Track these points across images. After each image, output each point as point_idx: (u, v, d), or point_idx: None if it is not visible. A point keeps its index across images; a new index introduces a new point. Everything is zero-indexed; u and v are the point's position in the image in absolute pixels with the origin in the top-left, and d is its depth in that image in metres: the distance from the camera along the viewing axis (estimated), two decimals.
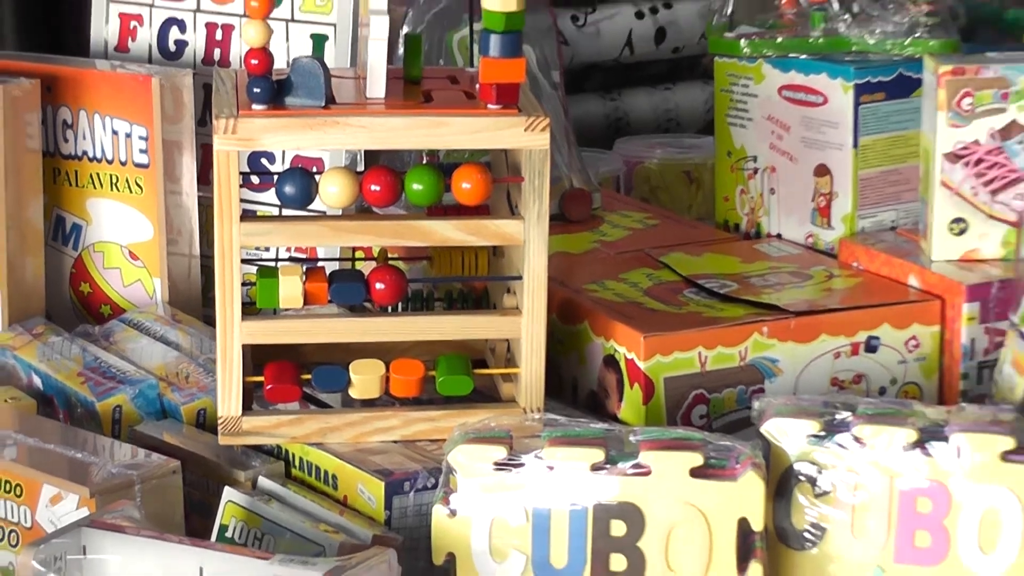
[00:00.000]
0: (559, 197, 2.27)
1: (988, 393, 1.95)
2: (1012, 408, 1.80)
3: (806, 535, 1.71)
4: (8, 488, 1.70)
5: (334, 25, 2.19)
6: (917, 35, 2.20)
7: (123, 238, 2.15)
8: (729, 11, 2.27)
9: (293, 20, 2.22)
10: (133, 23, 2.32)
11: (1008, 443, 1.66)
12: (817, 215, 2.23)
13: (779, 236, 2.29)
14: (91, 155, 2.14)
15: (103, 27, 2.33)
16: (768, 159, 2.28)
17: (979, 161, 2.05)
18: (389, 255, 1.90)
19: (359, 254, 1.92)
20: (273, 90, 1.77)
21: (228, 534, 1.72)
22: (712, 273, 2.11)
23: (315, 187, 1.80)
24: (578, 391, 2.02)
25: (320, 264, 1.91)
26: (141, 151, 2.12)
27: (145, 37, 2.32)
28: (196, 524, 1.75)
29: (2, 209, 2.07)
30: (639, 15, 3.23)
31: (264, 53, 1.76)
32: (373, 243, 1.90)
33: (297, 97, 1.78)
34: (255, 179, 2.05)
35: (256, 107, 1.76)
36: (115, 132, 2.12)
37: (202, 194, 2.08)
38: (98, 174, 2.14)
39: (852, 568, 1.71)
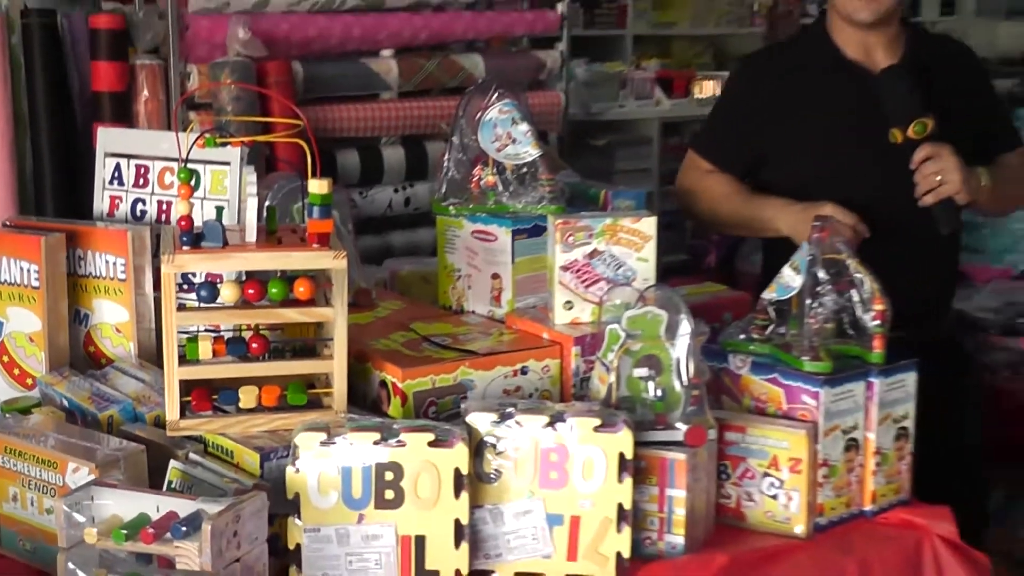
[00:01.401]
0: (353, 293, 2.26)
1: (587, 395, 1.99)
2: (598, 403, 1.88)
3: (491, 475, 1.77)
4: (49, 463, 1.72)
5: (228, 200, 2.21)
6: (544, 203, 2.22)
7: (112, 320, 2.14)
8: (443, 190, 2.29)
9: (205, 199, 2.23)
10: (117, 201, 2.30)
11: (596, 422, 1.74)
12: (493, 300, 2.26)
13: (473, 312, 2.31)
14: (94, 275, 2.13)
15: (101, 203, 2.32)
16: (467, 270, 2.30)
17: (578, 270, 2.10)
18: (260, 327, 1.92)
19: (244, 327, 1.92)
20: (193, 238, 1.81)
21: (173, 487, 1.74)
22: (439, 333, 2.14)
23: (218, 291, 1.84)
24: (366, 401, 2.04)
25: (221, 333, 1.92)
26: (121, 272, 2.11)
27: (124, 209, 2.30)
28: (155, 481, 1.75)
29: (46, 307, 2.05)
30: (395, 191, 3.27)
31: (188, 218, 1.81)
32: (251, 321, 1.90)
33: (207, 242, 1.82)
34: (185, 287, 2.05)
35: (184, 248, 1.80)
36: (107, 261, 2.12)
37: (156, 295, 2.06)
38: (97, 285, 2.13)
39: (516, 492, 1.77)
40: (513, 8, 3.51)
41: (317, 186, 1.81)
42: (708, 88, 5.59)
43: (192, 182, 1.86)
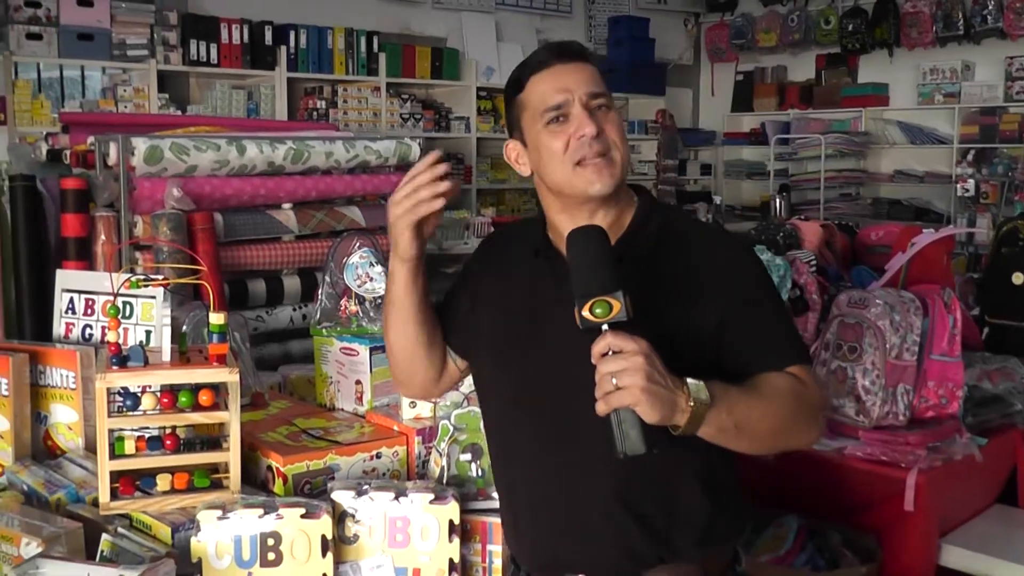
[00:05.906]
0: (250, 396, 2.25)
1: (426, 474, 1.96)
2: (434, 481, 1.88)
3: (351, 538, 1.74)
4: (8, 538, 1.67)
5: (154, 326, 2.13)
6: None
7: (65, 420, 2.06)
8: (318, 316, 2.26)
9: (138, 324, 2.14)
10: (71, 326, 2.23)
11: (431, 496, 1.74)
12: (357, 400, 2.19)
13: (342, 409, 2.24)
14: (51, 384, 2.06)
15: (58, 328, 2.24)
16: (337, 377, 2.25)
17: None
18: (174, 427, 1.86)
19: (163, 427, 1.85)
20: (121, 359, 1.78)
21: (105, 555, 1.69)
22: (314, 427, 2.09)
23: (140, 400, 1.80)
24: (257, 481, 1.97)
25: (144, 432, 1.85)
26: (72, 382, 2.03)
27: (76, 332, 2.22)
28: (92, 550, 1.70)
29: (13, 410, 1.98)
30: (294, 310, 3.14)
31: (116, 344, 1.80)
32: (165, 423, 1.84)
33: (132, 362, 1.79)
34: (118, 395, 1.99)
35: (114, 368, 1.77)
36: (61, 375, 2.04)
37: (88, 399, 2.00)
38: (54, 393, 2.06)
39: (370, 551, 1.75)
40: (382, 171, 3.53)
41: (215, 318, 1.80)
42: None
43: (122, 315, 1.83)
